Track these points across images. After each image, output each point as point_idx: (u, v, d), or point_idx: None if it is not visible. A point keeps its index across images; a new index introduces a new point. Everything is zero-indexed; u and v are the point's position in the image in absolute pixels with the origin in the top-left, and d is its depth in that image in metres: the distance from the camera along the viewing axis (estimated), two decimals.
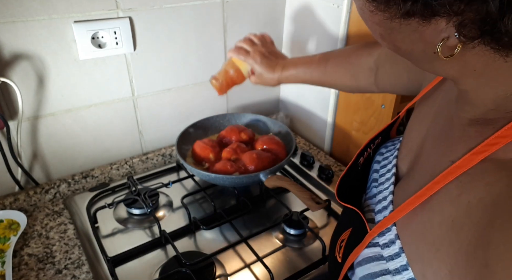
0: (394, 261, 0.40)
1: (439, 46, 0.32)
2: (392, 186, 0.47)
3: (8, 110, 0.83)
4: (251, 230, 0.83)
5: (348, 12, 0.91)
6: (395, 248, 0.40)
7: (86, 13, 0.83)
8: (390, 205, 0.45)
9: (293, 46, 1.13)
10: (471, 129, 0.38)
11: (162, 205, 0.90)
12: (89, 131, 0.95)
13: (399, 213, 0.40)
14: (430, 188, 0.37)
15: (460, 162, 0.36)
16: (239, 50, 0.80)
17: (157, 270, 0.73)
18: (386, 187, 0.48)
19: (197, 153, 0.92)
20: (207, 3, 0.97)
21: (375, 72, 0.67)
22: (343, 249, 0.49)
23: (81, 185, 0.95)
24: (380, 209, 0.46)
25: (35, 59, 0.82)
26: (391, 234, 0.41)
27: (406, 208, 0.40)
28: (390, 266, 0.40)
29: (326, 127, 1.10)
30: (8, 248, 0.75)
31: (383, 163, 0.53)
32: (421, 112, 0.51)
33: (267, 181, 0.83)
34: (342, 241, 0.50)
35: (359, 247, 0.44)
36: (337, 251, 0.51)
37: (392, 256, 0.40)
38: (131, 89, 0.96)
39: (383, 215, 0.45)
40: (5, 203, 0.86)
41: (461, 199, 0.34)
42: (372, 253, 0.43)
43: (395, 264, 0.39)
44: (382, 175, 0.51)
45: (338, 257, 0.50)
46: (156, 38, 0.94)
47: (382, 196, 0.48)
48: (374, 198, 0.49)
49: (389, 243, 0.41)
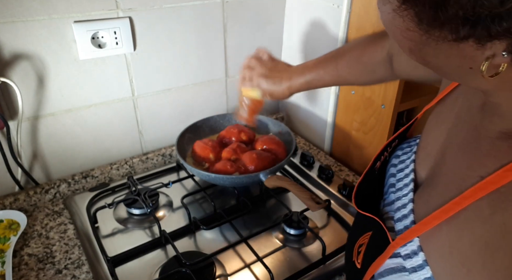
0: (417, 273, 0.39)
1: (484, 65, 0.30)
2: (412, 193, 0.46)
3: (8, 110, 0.83)
4: (251, 230, 0.83)
5: (348, 12, 0.91)
6: (418, 260, 0.39)
7: (86, 13, 0.83)
8: (411, 214, 0.43)
9: (293, 46, 1.13)
10: (503, 144, 0.36)
11: (162, 205, 0.90)
12: (89, 131, 0.95)
13: (424, 226, 0.39)
14: (458, 202, 0.36)
15: (491, 178, 0.34)
16: (243, 80, 0.79)
17: (157, 270, 0.73)
18: (404, 194, 0.47)
19: (197, 153, 0.92)
20: (207, 3, 0.97)
21: (391, 62, 0.65)
22: (362, 255, 0.47)
23: (81, 185, 0.95)
24: (399, 217, 0.45)
25: (35, 59, 0.82)
26: (413, 245, 0.40)
27: (431, 222, 0.38)
28: (414, 278, 0.39)
29: (326, 127, 1.10)
30: (8, 248, 0.75)
31: (400, 167, 0.52)
32: (440, 115, 0.49)
33: (267, 181, 0.83)
34: (360, 245, 0.49)
35: (381, 257, 0.43)
36: (355, 255, 0.49)
37: (415, 268, 0.39)
38: (131, 89, 0.96)
39: (403, 224, 0.44)
40: (5, 203, 0.86)
41: (494, 219, 0.33)
42: (394, 264, 0.42)
43: (419, 276, 0.38)
44: (399, 179, 0.50)
45: (356, 262, 0.48)
46: (156, 38, 0.94)
47: (401, 203, 0.46)
48: (393, 205, 0.48)
49: (411, 254, 0.40)
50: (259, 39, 1.11)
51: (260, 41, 1.11)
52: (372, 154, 0.96)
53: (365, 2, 0.86)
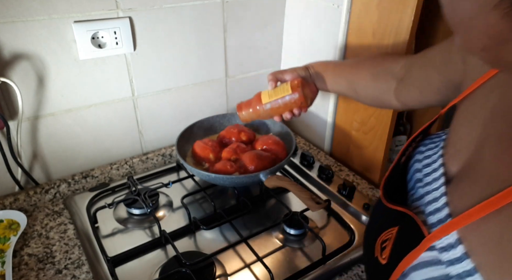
0: (455, 266, 0.38)
1: None
2: (443, 187, 0.46)
3: (8, 110, 0.83)
4: (251, 230, 0.83)
5: (348, 12, 0.91)
6: (456, 252, 0.39)
7: (86, 13, 0.83)
8: (446, 207, 0.43)
9: (293, 46, 1.13)
10: None
11: (162, 205, 0.90)
12: (89, 131, 0.95)
13: (465, 219, 0.39)
14: (506, 195, 0.36)
15: None
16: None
17: (157, 270, 0.73)
18: (435, 188, 0.47)
19: (197, 153, 0.92)
20: (207, 3, 0.97)
21: (397, 79, 0.67)
22: (389, 250, 0.47)
23: (81, 185, 0.95)
24: (432, 210, 0.45)
25: (35, 59, 0.82)
26: (449, 238, 0.40)
27: (474, 214, 0.38)
28: (451, 271, 0.39)
29: (326, 127, 1.10)
30: (8, 248, 0.75)
31: (426, 162, 0.51)
32: (469, 111, 0.49)
33: (267, 181, 0.83)
34: (383, 241, 0.48)
35: (416, 251, 0.43)
36: (377, 251, 0.49)
37: (453, 261, 0.39)
38: (131, 89, 0.96)
39: (437, 217, 0.43)
40: (5, 203, 0.86)
41: None
42: (429, 257, 0.41)
43: (457, 269, 0.38)
44: (427, 174, 0.50)
45: (380, 258, 0.48)
46: (156, 38, 0.94)
47: (431, 197, 0.46)
48: (422, 199, 0.48)
49: (447, 247, 0.40)
50: (259, 39, 1.11)
51: (260, 41, 1.11)
52: (372, 154, 0.96)
53: (365, 2, 0.86)
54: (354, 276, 0.72)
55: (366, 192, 0.94)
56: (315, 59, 0.85)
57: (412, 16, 0.77)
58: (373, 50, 0.87)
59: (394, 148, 1.02)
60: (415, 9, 0.76)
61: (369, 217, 0.62)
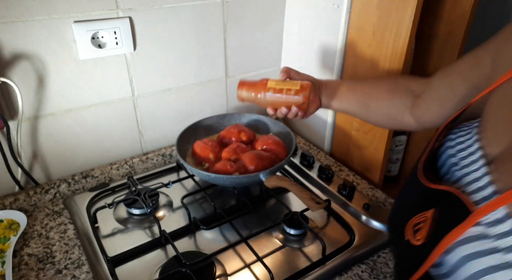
0: (504, 240, 0.39)
1: None
2: (484, 167, 0.47)
3: (8, 110, 0.83)
4: (251, 230, 0.83)
5: (348, 12, 0.91)
6: (505, 227, 0.40)
7: (86, 13, 0.83)
8: (490, 186, 0.44)
9: (293, 46, 1.13)
10: None
11: (162, 205, 0.90)
12: (89, 131, 0.95)
13: None
14: None
15: None
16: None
17: (157, 270, 0.73)
18: (474, 169, 0.48)
19: (197, 153, 0.92)
20: (207, 3, 0.97)
21: (415, 96, 0.68)
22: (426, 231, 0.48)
23: (81, 185, 0.95)
24: (474, 189, 0.46)
25: (35, 59, 0.82)
26: (496, 213, 0.41)
27: None
28: (500, 244, 0.40)
29: (326, 127, 1.10)
30: (8, 248, 0.75)
31: (460, 147, 0.52)
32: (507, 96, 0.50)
33: (267, 181, 0.83)
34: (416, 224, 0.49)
35: (462, 226, 0.44)
36: (410, 235, 0.50)
37: (501, 235, 0.40)
38: (131, 89, 0.96)
39: (481, 195, 0.45)
40: (5, 203, 0.86)
41: None
42: (475, 232, 0.42)
43: (506, 242, 0.39)
44: (462, 158, 0.51)
45: (414, 240, 0.49)
46: (156, 38, 0.94)
47: (471, 177, 0.47)
48: (461, 181, 0.49)
49: (494, 223, 0.41)
50: (259, 39, 1.11)
51: (260, 41, 1.12)
52: (372, 154, 0.97)
53: (365, 2, 0.86)
54: (354, 276, 0.72)
55: (366, 192, 0.94)
56: (315, 59, 0.86)
57: (412, 16, 0.77)
58: (373, 50, 0.88)
59: (394, 148, 1.02)
60: (415, 9, 0.76)
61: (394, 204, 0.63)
